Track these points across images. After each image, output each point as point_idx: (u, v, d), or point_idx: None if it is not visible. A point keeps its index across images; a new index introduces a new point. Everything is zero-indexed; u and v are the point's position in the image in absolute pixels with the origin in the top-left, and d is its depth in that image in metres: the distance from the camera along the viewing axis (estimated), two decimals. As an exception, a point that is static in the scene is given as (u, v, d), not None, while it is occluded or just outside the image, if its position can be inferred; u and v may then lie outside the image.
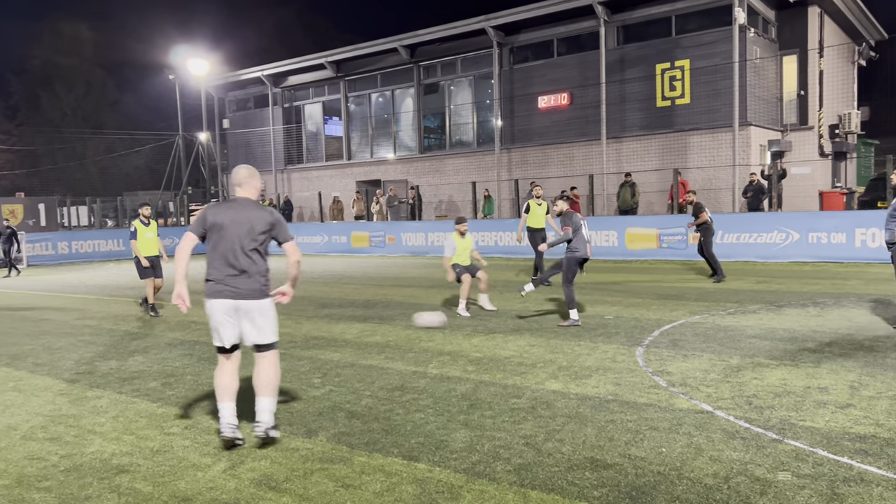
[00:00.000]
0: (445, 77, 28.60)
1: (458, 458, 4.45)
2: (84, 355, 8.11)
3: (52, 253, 26.33)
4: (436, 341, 8.31)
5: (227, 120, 35.95)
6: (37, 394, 6.39)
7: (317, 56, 30.64)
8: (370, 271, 18.47)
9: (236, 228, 4.80)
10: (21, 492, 4.11)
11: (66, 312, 11.97)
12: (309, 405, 5.75)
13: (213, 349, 8.17)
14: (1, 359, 8.03)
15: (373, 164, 30.93)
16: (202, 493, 4.02)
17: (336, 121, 32.79)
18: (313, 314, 10.89)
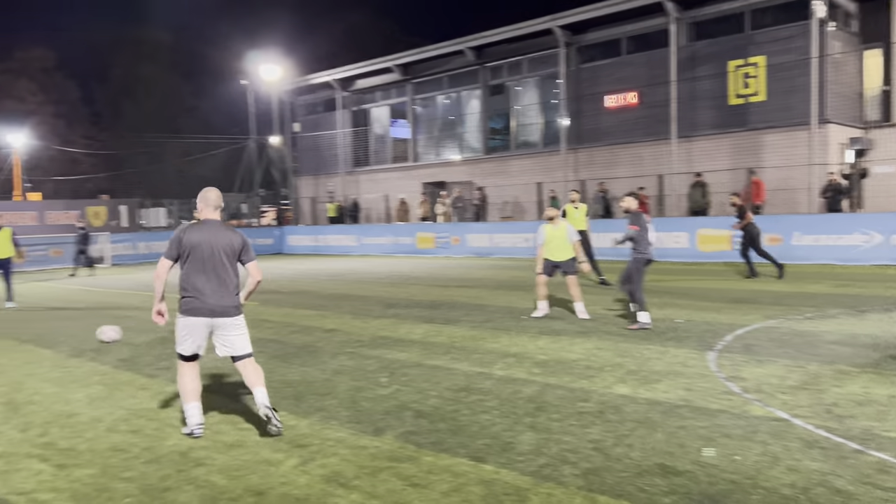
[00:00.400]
0: (511, 78, 28.52)
1: (525, 460, 4.43)
2: (163, 352, 8.44)
3: (133, 252, 27.50)
4: (501, 343, 8.30)
5: (297, 124, 36.78)
6: (120, 388, 6.68)
7: (384, 59, 31.03)
8: (435, 272, 18.58)
9: (211, 249, 5.13)
10: (106, 481, 4.31)
11: (146, 311, 12.46)
12: (376, 404, 5.84)
13: (286, 348, 8.41)
14: (87, 354, 8.44)
15: (438, 166, 31.11)
16: (274, 487, 4.13)
17: (402, 123, 33.13)
18: (380, 314, 11.03)
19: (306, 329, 9.81)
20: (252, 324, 10.32)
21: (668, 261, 17.03)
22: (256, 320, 10.78)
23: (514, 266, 19.78)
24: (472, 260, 22.90)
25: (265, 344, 8.75)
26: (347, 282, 16.74)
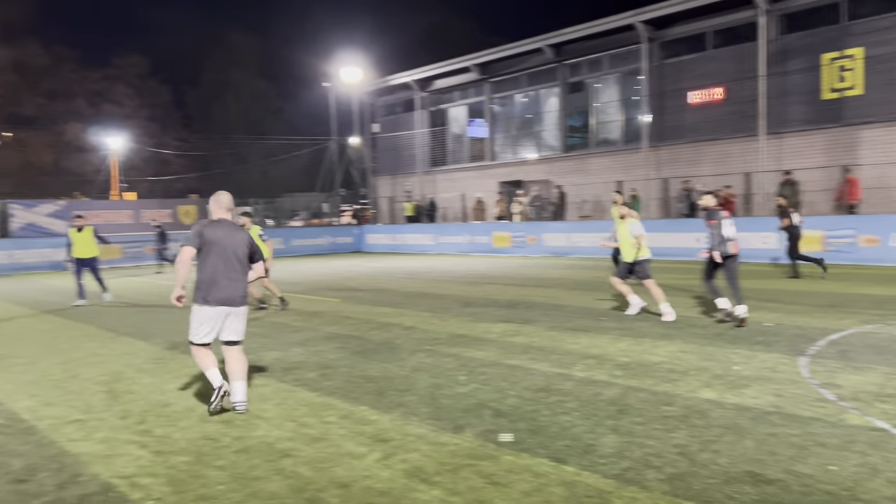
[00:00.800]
0: (591, 75, 28.11)
1: (608, 463, 4.37)
2: (250, 345, 8.73)
3: (220, 250, 28.51)
4: (580, 344, 8.20)
5: (376, 124, 37.38)
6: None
7: (463, 59, 31.14)
8: (511, 272, 18.52)
9: (227, 245, 5.72)
10: (199, 468, 4.50)
11: (233, 305, 12.92)
12: (455, 401, 5.87)
13: (366, 344, 8.56)
14: (179, 347, 8.82)
15: (515, 165, 30.98)
16: (358, 480, 4.22)
17: (480, 122, 33.17)
18: (457, 312, 11.09)
19: (385, 326, 9.96)
20: (333, 320, 10.61)
21: (756, 262, 16.43)
22: (338, 316, 11.02)
23: (593, 266, 19.50)
24: (548, 259, 22.71)
25: (346, 340, 8.93)
26: (424, 280, 16.89)
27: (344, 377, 6.89)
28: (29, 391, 6.69)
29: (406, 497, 3.95)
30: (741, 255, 9.35)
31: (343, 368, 7.28)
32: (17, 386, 6.92)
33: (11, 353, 8.75)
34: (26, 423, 5.59)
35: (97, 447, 4.96)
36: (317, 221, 36.87)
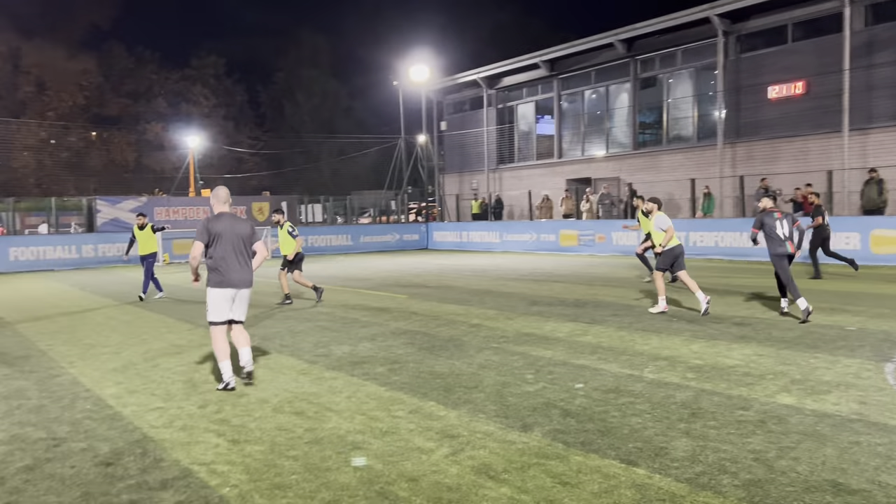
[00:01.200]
0: (664, 70, 27.48)
1: (680, 466, 4.28)
2: (321, 339, 8.93)
3: (292, 246, 29.21)
4: (651, 345, 8.05)
5: (444, 122, 37.54)
6: (283, 372, 7.15)
7: (531, 56, 30.94)
8: (579, 270, 18.31)
9: (233, 234, 6.45)
10: (273, 458, 4.63)
11: (304, 300, 13.24)
12: (523, 400, 5.85)
13: (433, 340, 8.62)
14: (254, 339, 9.07)
15: (583, 162, 30.60)
16: (426, 475, 4.26)
17: (548, 119, 32.90)
18: (524, 311, 11.04)
19: (452, 323, 10.00)
20: (401, 316, 10.73)
21: (837, 263, 15.81)
22: (405, 312, 11.13)
23: (664, 266, 19.08)
24: (617, 259, 22.34)
25: (414, 336, 9.02)
26: (490, 278, 16.88)
27: (412, 372, 6.96)
28: (114, 379, 7.02)
29: (474, 493, 3.96)
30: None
31: (411, 364, 7.36)
32: (103, 374, 7.27)
33: (98, 342, 9.19)
34: (112, 410, 5.86)
35: (177, 434, 5.17)
36: (384, 219, 37.31)
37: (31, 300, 14.57)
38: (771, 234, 9.52)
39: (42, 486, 4.22)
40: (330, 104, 66.67)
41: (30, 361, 8.01)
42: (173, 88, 63.05)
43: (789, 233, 9.49)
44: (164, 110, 61.59)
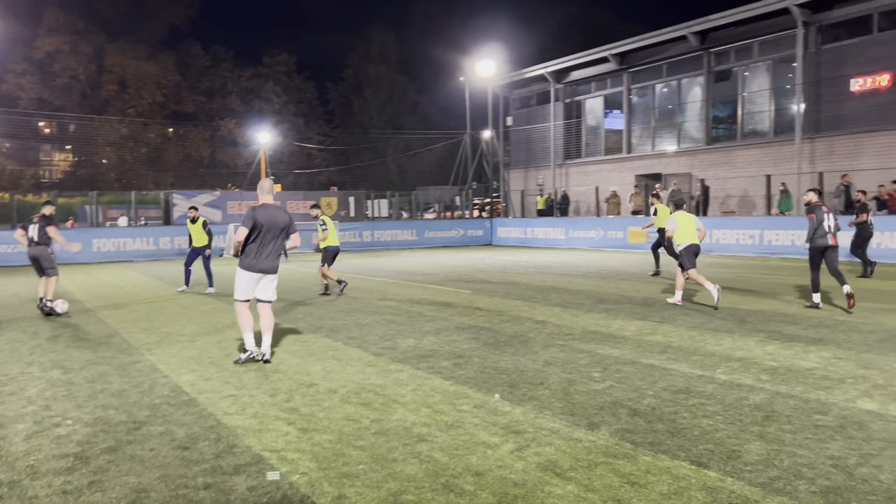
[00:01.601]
0: (739, 63, 26.62)
1: (754, 470, 4.15)
2: (387, 332, 9.04)
3: (359, 240, 29.68)
4: (723, 345, 7.83)
5: (510, 117, 37.37)
6: (350, 363, 7.27)
7: (600, 49, 30.47)
8: (647, 268, 17.92)
9: (273, 226, 7.21)
10: (341, 447, 4.72)
11: (371, 293, 13.42)
12: (590, 398, 5.78)
13: (498, 336, 8.62)
14: (322, 331, 9.28)
15: (653, 158, 29.96)
16: (492, 470, 4.26)
17: (617, 114, 32.34)
18: (590, 308, 10.90)
19: (517, 319, 9.97)
20: (465, 311, 10.75)
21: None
22: (470, 308, 11.15)
23: (737, 265, 18.53)
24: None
25: (478, 331, 9.02)
26: (555, 274, 16.72)
27: (476, 367, 6.97)
28: (190, 366, 7.28)
29: (540, 490, 3.94)
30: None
31: (475, 359, 7.37)
32: (180, 361, 7.54)
33: (174, 330, 9.55)
34: (188, 396, 6.08)
35: (249, 421, 5.32)
36: (449, 214, 37.43)
37: (113, 289, 15.24)
38: (818, 226, 10.21)
39: (123, 466, 4.42)
40: (397, 100, 67.31)
41: (111, 347, 8.39)
42: (246, 86, 64.82)
43: (834, 227, 10.21)
44: (237, 107, 63.39)
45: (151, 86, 58.18)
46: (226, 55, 64.67)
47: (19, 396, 6.17)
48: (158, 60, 58.97)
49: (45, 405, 5.86)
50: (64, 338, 9.14)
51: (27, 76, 55.44)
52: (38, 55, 55.19)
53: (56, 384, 6.59)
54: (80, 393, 6.24)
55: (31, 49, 54.78)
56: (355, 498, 3.88)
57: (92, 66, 57.44)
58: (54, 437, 5.03)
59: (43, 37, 54.82)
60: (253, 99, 64.37)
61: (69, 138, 56.05)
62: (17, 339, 9.15)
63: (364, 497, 3.89)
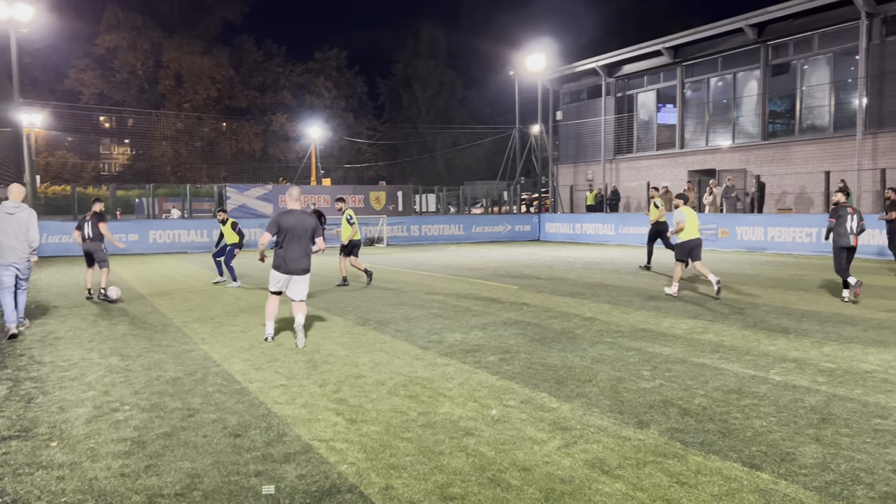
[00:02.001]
0: (798, 56, 25.84)
1: (809, 474, 4.04)
2: (434, 326, 9.08)
3: (406, 235, 29.84)
4: (778, 346, 7.63)
5: (560, 112, 37.03)
6: (398, 356, 7.33)
7: (654, 43, 29.95)
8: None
9: (298, 229, 7.82)
10: (389, 438, 4.76)
11: (418, 287, 13.49)
12: (639, 396, 5.71)
13: (545, 332, 8.57)
14: (370, 323, 9.37)
15: (707, 153, 29.33)
16: (539, 465, 4.24)
17: (670, 108, 31.76)
18: (640, 306, 10.75)
19: (564, 315, 9.89)
20: (512, 306, 10.72)
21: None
22: (517, 303, 11.12)
23: (793, 263, 18.03)
24: (741, 255, 21.30)
25: (525, 326, 8.99)
26: (604, 271, 16.54)
27: (523, 363, 6.94)
28: (242, 356, 7.43)
29: (588, 487, 3.91)
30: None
31: (522, 354, 7.34)
32: (232, 351, 7.71)
33: (227, 321, 9.76)
34: (240, 385, 6.21)
35: (299, 411, 5.41)
36: (496, 209, 37.32)
37: (168, 279, 15.66)
38: (839, 227, 10.78)
39: (178, 452, 4.54)
40: (445, 95, 67.36)
41: (167, 336, 8.63)
42: (297, 81, 65.74)
43: (856, 228, 10.72)
44: (289, 102, 64.35)
45: (206, 81, 59.52)
46: (278, 50, 65.72)
47: (80, 382, 6.40)
48: (213, 56, 60.26)
49: (105, 391, 6.07)
50: (122, 326, 9.44)
51: (88, 72, 57.34)
52: (98, 51, 57.03)
53: (114, 370, 6.81)
54: (136, 380, 6.44)
55: (93, 45, 56.64)
56: (402, 489, 3.92)
57: (150, 62, 59.04)
58: (113, 421, 5.20)
59: (103, 33, 56.60)
60: (304, 94, 65.26)
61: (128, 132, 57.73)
62: (78, 326, 9.49)
63: (411, 488, 3.92)
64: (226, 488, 3.94)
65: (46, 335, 8.79)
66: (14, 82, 23.26)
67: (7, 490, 3.96)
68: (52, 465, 4.32)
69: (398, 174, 60.34)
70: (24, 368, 6.96)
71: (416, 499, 3.79)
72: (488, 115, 60.99)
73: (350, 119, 65.63)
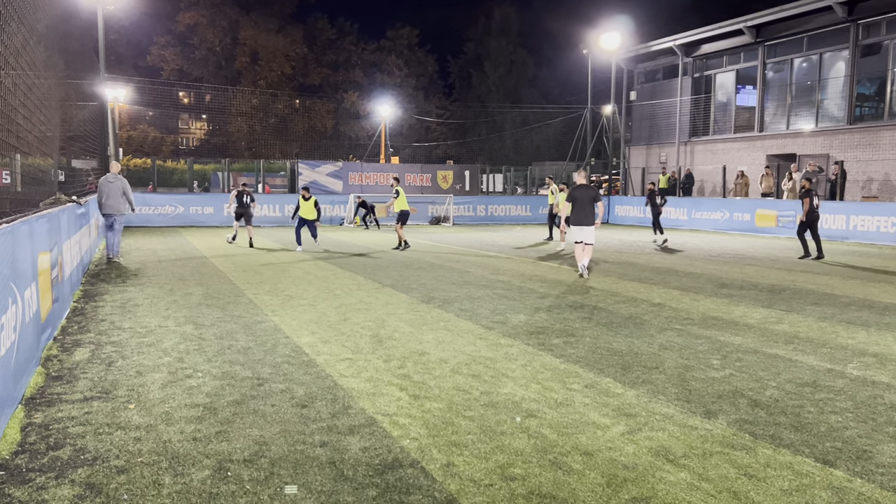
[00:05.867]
0: (891, 35, 24.41)
1: (887, 473, 3.87)
2: (498, 307, 9.07)
3: (472, 214, 29.82)
4: (857, 339, 7.31)
5: (633, 92, 36.14)
6: (461, 335, 7.35)
7: (735, 21, 28.79)
8: (775, 253, 16.98)
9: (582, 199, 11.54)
10: (451, 416, 4.80)
11: (483, 268, 13.49)
12: (707, 385, 5.57)
13: (612, 316, 8.44)
14: (435, 301, 9.43)
15: (788, 137, 28.14)
16: (602, 451, 4.20)
17: (749, 90, 30.55)
18: (711, 293, 10.46)
19: (632, 300, 9.72)
20: (578, 289, 10.61)
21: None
22: (583, 286, 10.98)
23: (876, 253, 17.20)
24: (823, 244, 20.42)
25: (591, 310, 8.88)
26: (676, 256, 16.15)
27: (588, 347, 6.87)
28: (309, 329, 7.60)
29: (651, 475, 3.85)
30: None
31: (587, 338, 7.26)
32: (301, 324, 7.89)
33: (296, 294, 9.99)
34: (307, 357, 6.36)
35: (364, 385, 5.50)
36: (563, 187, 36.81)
37: (241, 252, 16.12)
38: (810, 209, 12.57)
39: (247, 419, 4.69)
40: (516, 74, 66.64)
41: (239, 307, 8.89)
42: (369, 59, 66.20)
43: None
44: (360, 80, 64.90)
45: (281, 58, 60.56)
46: (351, 28, 66.24)
47: (157, 348, 6.67)
48: (287, 33, 61.21)
49: (179, 357, 6.31)
50: (196, 296, 9.78)
51: (169, 48, 59.16)
52: (179, 28, 58.72)
53: (189, 338, 7.07)
54: (209, 348, 6.68)
55: (173, 22, 58.33)
56: (463, 467, 3.94)
57: (227, 39, 60.44)
58: (186, 387, 5.41)
59: (184, 11, 58.21)
60: (375, 72, 65.68)
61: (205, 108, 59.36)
62: (156, 294, 9.88)
63: (472, 467, 3.94)
64: (292, 457, 4.05)
65: (126, 302, 9.19)
66: (100, 58, 24.20)
67: (88, 447, 4.17)
68: (130, 427, 4.53)
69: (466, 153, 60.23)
70: (105, 333, 7.31)
71: (477, 477, 3.81)
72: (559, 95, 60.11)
73: (420, 98, 65.74)
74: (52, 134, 8.83)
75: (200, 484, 3.69)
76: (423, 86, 67.71)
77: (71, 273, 9.15)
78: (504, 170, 39.08)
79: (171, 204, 25.47)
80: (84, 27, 17.43)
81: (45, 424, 4.56)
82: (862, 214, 20.75)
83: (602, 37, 32.67)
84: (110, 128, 25.84)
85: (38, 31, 7.37)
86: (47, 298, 6.57)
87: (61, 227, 8.09)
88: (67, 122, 11.38)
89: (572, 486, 3.71)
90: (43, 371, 5.80)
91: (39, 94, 7.49)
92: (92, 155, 18.18)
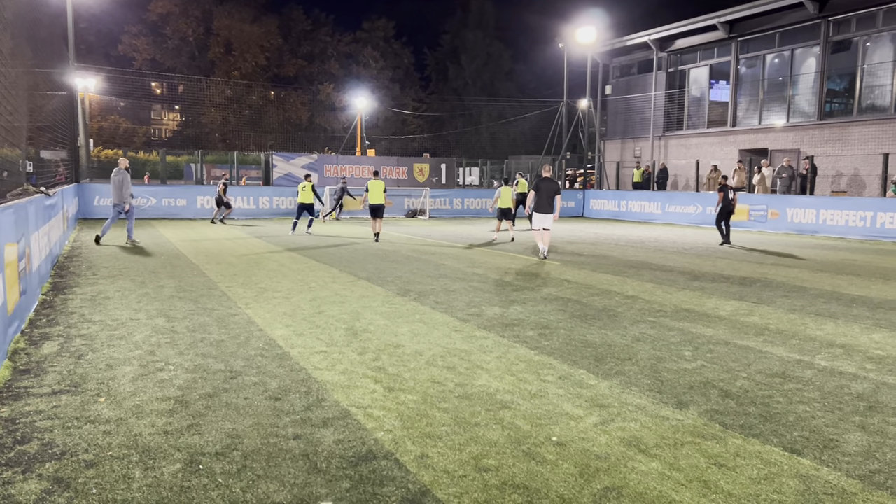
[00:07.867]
0: (860, 32, 24.82)
1: (852, 462, 3.95)
2: (473, 299, 9.08)
3: (449, 207, 29.82)
4: (825, 331, 7.44)
5: (609, 86, 36.34)
6: (436, 327, 7.36)
7: (709, 17, 29.07)
8: (747, 247, 17.21)
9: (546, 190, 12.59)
10: (425, 408, 4.80)
11: (459, 261, 13.50)
12: (679, 376, 5.64)
13: (585, 309, 8.50)
14: (410, 294, 9.42)
15: (760, 132, 28.52)
16: (574, 441, 4.23)
17: (723, 85, 30.90)
18: (684, 285, 10.58)
19: (606, 293, 9.80)
20: (553, 282, 10.66)
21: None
22: (558, 280, 11.04)
23: (844, 247, 17.51)
24: (791, 237, 20.77)
25: (566, 303, 8.93)
26: (649, 250, 16.30)
27: (562, 339, 6.91)
28: (284, 322, 7.55)
29: (623, 465, 3.89)
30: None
31: (562, 330, 7.30)
32: (275, 316, 7.84)
33: (270, 286, 9.92)
34: (281, 350, 6.32)
35: (338, 377, 5.48)
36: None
37: (214, 244, 15.96)
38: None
39: (220, 412, 4.65)
40: (492, 67, 66.70)
41: (212, 300, 8.81)
42: (345, 51, 65.79)
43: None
44: (336, 72, 64.49)
45: (255, 49, 59.97)
46: (326, 19, 65.77)
47: (127, 341, 6.58)
48: (262, 24, 60.60)
49: (150, 350, 6.24)
50: (168, 288, 9.67)
51: (141, 38, 58.28)
52: (151, 17, 57.86)
53: (160, 331, 6.99)
54: (181, 341, 6.60)
55: (145, 11, 57.46)
56: (437, 458, 3.95)
57: (200, 29, 59.68)
58: (158, 380, 5.34)
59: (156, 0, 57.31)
60: (351, 64, 65.31)
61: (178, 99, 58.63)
62: (127, 287, 9.75)
63: (446, 458, 3.95)
64: (265, 450, 4.03)
65: (96, 295, 9.06)
66: (70, 47, 23.75)
67: (56, 442, 4.11)
68: (100, 420, 4.47)
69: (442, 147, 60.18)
70: (74, 326, 7.20)
71: (451, 468, 3.81)
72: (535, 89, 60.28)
73: (396, 90, 65.51)
74: (19, 124, 8.65)
75: (171, 477, 3.65)
76: (400, 78, 67.47)
77: (39, 265, 9.00)
78: (480, 163, 39.14)
79: (144, 196, 25.11)
80: (53, 15, 17.10)
81: (11, 419, 4.48)
82: (831, 209, 21.11)
83: (578, 31, 32.79)
84: (80, 118, 25.40)
85: (4, 19, 7.22)
86: (14, 291, 6.45)
87: (29, 217, 7.94)
88: (36, 112, 11.18)
89: (545, 476, 3.74)
90: (10, 364, 5.69)
91: (6, 83, 7.34)
92: (61, 145, 17.84)
